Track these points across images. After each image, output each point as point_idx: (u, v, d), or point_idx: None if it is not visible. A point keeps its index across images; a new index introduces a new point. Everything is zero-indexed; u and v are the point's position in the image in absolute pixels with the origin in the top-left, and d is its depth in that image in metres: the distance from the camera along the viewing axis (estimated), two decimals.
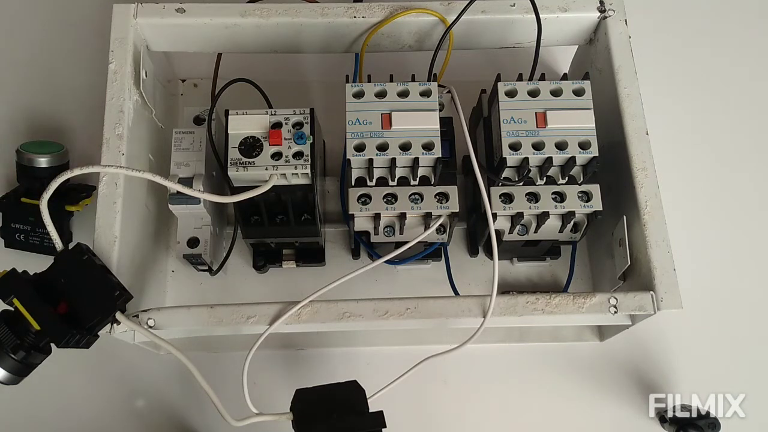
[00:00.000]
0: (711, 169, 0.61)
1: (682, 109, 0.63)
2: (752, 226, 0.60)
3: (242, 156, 0.44)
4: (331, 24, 0.50)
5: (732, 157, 0.62)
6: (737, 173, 0.61)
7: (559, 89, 0.45)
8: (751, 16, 0.67)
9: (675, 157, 0.57)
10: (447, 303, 0.44)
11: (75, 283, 0.41)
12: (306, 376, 0.54)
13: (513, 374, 0.54)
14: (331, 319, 0.43)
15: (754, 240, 0.59)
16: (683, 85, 0.64)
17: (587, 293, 0.43)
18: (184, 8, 0.49)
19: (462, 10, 0.49)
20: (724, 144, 0.62)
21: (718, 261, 0.58)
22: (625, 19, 0.50)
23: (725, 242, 0.59)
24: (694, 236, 0.56)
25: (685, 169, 0.60)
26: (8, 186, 0.58)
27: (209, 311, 0.43)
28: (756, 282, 0.58)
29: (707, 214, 0.59)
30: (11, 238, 0.56)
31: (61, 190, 0.55)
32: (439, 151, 0.43)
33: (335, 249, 0.57)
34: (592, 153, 0.43)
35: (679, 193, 0.49)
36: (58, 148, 0.56)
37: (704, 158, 0.62)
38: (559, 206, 0.46)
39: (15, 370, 0.40)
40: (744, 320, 0.56)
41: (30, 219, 0.55)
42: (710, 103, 0.64)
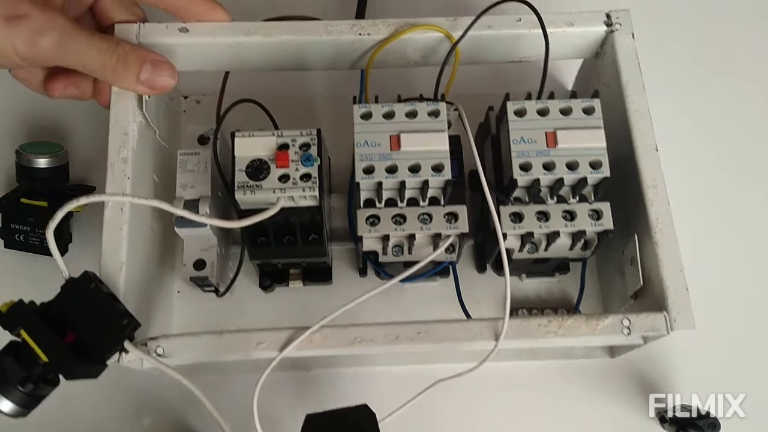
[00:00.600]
0: (711, 171, 0.61)
1: (689, 120, 0.62)
2: (752, 226, 0.60)
3: (249, 179, 0.44)
4: (336, 41, 0.49)
5: (736, 163, 0.62)
6: (736, 170, 0.62)
7: (569, 108, 0.44)
8: (760, 23, 0.67)
9: (682, 168, 0.57)
10: (458, 327, 0.43)
11: (82, 312, 0.40)
12: (315, 398, 0.53)
13: (524, 390, 0.54)
14: (342, 345, 0.43)
15: (754, 240, 0.59)
16: (690, 96, 0.64)
17: (600, 315, 0.43)
18: (187, 28, 0.48)
19: (468, 26, 0.48)
20: (733, 156, 0.62)
21: (718, 261, 0.57)
22: (632, 32, 0.50)
23: (725, 242, 0.59)
24: (693, 237, 0.56)
25: (687, 176, 0.60)
26: (8, 186, 0.58)
27: (218, 338, 0.43)
28: (756, 282, 0.58)
29: (708, 214, 0.59)
30: (11, 239, 0.56)
31: (61, 191, 0.56)
32: (449, 173, 0.43)
33: (342, 266, 0.56)
34: (604, 173, 0.43)
35: (679, 197, 0.49)
36: (58, 149, 0.56)
37: (710, 165, 0.61)
38: (569, 225, 0.45)
39: (23, 403, 0.39)
40: (744, 320, 0.56)
41: (30, 220, 0.55)
42: (719, 114, 0.63)
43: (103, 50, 0.43)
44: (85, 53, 0.42)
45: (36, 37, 0.41)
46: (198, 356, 0.43)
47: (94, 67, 0.44)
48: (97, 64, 0.43)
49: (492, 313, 0.55)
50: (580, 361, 0.55)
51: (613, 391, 0.54)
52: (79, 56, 0.43)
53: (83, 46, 0.42)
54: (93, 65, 0.43)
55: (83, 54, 0.42)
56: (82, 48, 0.42)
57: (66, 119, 0.61)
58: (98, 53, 0.43)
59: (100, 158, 0.58)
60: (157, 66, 0.45)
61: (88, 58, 0.43)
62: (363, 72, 0.52)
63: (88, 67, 0.44)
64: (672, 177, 0.46)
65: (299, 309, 0.55)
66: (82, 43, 0.42)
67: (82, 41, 0.42)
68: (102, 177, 0.57)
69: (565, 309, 0.55)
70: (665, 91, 0.60)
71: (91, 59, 0.43)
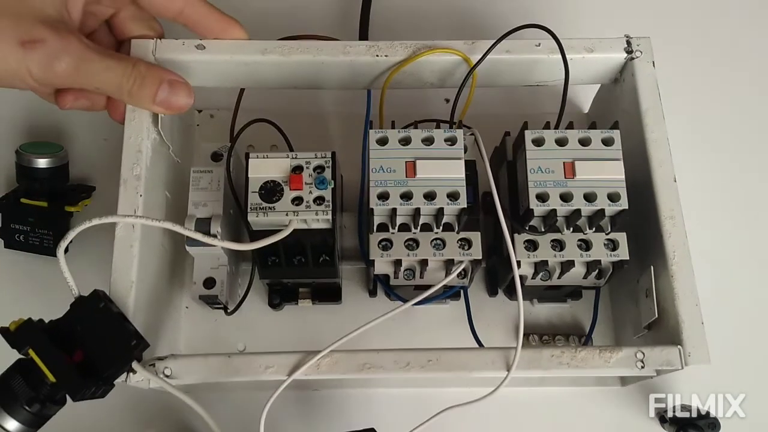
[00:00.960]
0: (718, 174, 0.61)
1: (708, 150, 0.62)
2: (753, 227, 0.59)
3: (262, 201, 0.44)
4: (353, 63, 0.49)
5: (753, 192, 0.61)
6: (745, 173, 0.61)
7: (588, 138, 0.44)
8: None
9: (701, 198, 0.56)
10: (470, 355, 0.43)
11: (91, 332, 0.40)
12: (322, 419, 0.53)
13: (530, 413, 0.54)
14: (351, 371, 0.42)
15: (754, 240, 0.59)
16: (708, 125, 0.63)
17: (613, 347, 0.42)
18: (204, 45, 0.48)
19: (487, 50, 0.48)
20: (750, 185, 0.61)
21: (718, 261, 0.57)
22: (653, 61, 0.49)
23: (724, 241, 0.58)
24: (693, 237, 0.56)
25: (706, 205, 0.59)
26: (8, 186, 0.58)
27: (227, 360, 0.42)
28: (756, 282, 0.57)
29: (709, 216, 0.58)
30: (11, 239, 0.56)
31: (61, 191, 0.56)
32: (465, 201, 0.42)
33: (351, 286, 0.56)
34: (622, 206, 0.42)
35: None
36: (58, 149, 0.56)
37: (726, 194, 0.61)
38: (584, 255, 0.45)
39: (29, 423, 0.39)
40: (744, 320, 0.56)
41: (30, 220, 0.55)
42: (739, 145, 0.63)
43: (119, 72, 0.43)
44: (102, 76, 0.42)
45: (52, 61, 0.41)
46: (206, 378, 0.43)
47: (110, 89, 0.43)
48: (113, 87, 0.43)
49: (503, 337, 0.55)
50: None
51: (613, 390, 0.54)
52: (96, 79, 0.42)
53: (99, 69, 0.42)
54: (109, 87, 0.43)
55: (100, 77, 0.42)
56: (99, 71, 0.42)
57: (66, 119, 0.61)
58: (114, 76, 0.42)
59: (100, 158, 0.59)
60: (173, 86, 0.44)
61: (104, 80, 0.42)
62: (369, 92, 0.52)
63: (104, 89, 0.44)
64: (689, 207, 0.46)
65: (308, 328, 0.55)
66: (98, 66, 0.42)
67: (98, 63, 0.42)
68: (102, 176, 0.58)
69: (576, 336, 0.54)
70: (684, 119, 0.60)
71: (107, 82, 0.43)
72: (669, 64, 0.53)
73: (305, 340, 0.52)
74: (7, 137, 0.60)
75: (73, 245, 0.50)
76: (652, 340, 0.46)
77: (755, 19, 0.68)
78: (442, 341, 0.46)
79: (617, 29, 0.50)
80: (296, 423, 0.53)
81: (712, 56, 0.66)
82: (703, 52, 0.66)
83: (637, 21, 0.66)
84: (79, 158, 0.58)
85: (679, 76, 0.61)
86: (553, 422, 0.54)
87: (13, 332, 0.39)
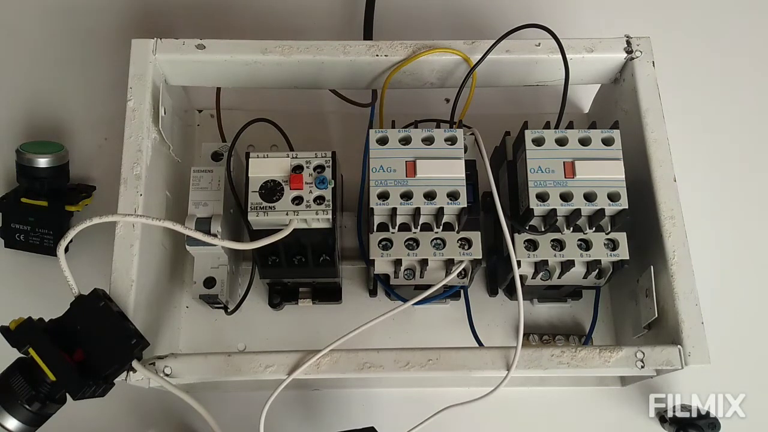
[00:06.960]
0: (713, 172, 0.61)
1: (708, 149, 0.62)
2: (752, 226, 0.59)
3: (263, 200, 0.44)
4: (353, 62, 0.49)
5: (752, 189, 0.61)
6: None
7: (588, 138, 0.44)
8: None
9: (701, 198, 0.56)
10: (470, 355, 0.43)
11: (91, 331, 0.40)
12: (322, 418, 0.53)
13: (530, 413, 0.54)
14: (351, 370, 0.42)
15: (754, 240, 0.59)
16: (709, 124, 0.63)
17: (613, 347, 0.42)
18: (204, 44, 0.48)
19: (487, 50, 0.48)
20: (749, 183, 0.61)
21: (717, 261, 0.57)
22: (653, 61, 0.49)
23: (724, 241, 0.58)
24: (693, 238, 0.56)
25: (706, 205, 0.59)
26: (8, 186, 0.58)
27: (227, 359, 0.42)
28: (756, 282, 0.57)
29: (709, 216, 0.58)
30: (11, 239, 0.56)
31: (61, 190, 0.56)
32: (465, 201, 0.42)
33: (352, 286, 0.56)
34: (622, 205, 0.42)
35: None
36: (58, 148, 0.56)
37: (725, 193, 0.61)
38: (584, 254, 0.45)
39: (29, 421, 0.39)
40: (744, 320, 0.56)
41: (30, 219, 0.55)
42: (740, 144, 0.63)
43: None
44: None
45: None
46: (205, 377, 0.43)
47: None
48: None
49: (502, 336, 0.55)
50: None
51: (613, 390, 0.54)
52: None
53: None
54: None
55: None
56: None
57: (66, 119, 0.61)
58: None
59: (101, 158, 0.59)
60: None
61: None
62: (374, 92, 0.52)
63: None
64: (688, 207, 0.46)
65: (308, 328, 0.55)
66: None
67: None
68: (102, 176, 0.58)
69: (576, 336, 0.54)
70: (684, 119, 0.60)
71: None
72: (669, 64, 0.53)
73: (305, 340, 0.52)
74: (7, 137, 0.60)
75: (73, 244, 0.51)
76: (652, 339, 0.46)
77: (755, 19, 0.68)
78: (442, 341, 0.46)
79: (617, 29, 0.51)
80: (296, 422, 0.53)
81: (712, 56, 0.66)
82: (703, 52, 0.66)
83: (637, 21, 0.66)
84: (80, 158, 0.58)
85: (679, 76, 0.61)
86: (553, 422, 0.54)
87: (13, 331, 0.39)
